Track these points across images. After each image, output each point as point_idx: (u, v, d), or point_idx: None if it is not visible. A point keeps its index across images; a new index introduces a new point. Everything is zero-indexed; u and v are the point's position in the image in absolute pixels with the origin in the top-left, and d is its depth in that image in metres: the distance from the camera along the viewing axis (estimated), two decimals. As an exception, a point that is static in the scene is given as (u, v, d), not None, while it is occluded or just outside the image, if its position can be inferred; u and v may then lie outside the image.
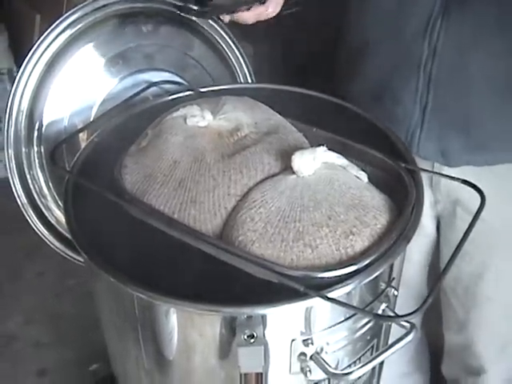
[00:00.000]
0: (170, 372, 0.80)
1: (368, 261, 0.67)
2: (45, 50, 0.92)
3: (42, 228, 0.98)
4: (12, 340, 1.83)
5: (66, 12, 0.91)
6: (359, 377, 0.78)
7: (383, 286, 0.75)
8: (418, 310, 0.63)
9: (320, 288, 0.65)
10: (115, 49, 0.99)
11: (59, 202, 0.96)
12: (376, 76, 0.99)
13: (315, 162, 0.76)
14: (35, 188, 0.97)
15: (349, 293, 0.69)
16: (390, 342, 0.73)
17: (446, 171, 1.00)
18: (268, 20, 0.96)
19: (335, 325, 0.72)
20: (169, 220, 0.73)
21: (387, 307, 0.76)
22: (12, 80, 2.35)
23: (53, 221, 0.98)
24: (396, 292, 0.76)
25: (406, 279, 1.24)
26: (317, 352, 0.72)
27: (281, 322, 0.69)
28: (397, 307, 1.31)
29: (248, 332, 0.66)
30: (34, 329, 1.85)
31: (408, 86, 0.94)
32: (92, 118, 0.97)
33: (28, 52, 0.91)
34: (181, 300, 0.66)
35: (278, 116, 0.87)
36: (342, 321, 0.72)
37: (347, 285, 0.66)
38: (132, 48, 0.99)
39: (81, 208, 0.78)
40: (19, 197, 0.95)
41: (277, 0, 0.96)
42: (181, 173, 0.77)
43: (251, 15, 0.95)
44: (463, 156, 0.96)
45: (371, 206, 0.74)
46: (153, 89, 0.98)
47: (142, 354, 0.79)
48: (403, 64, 0.94)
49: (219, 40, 1.06)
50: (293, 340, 0.70)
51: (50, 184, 0.97)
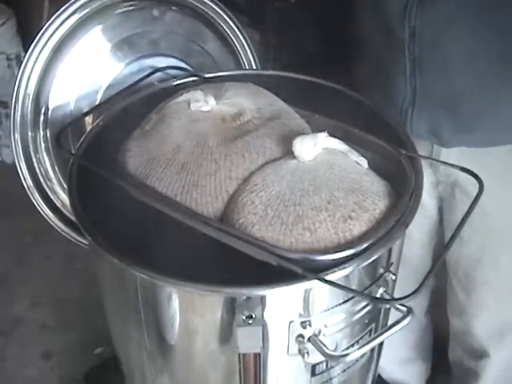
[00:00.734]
0: (172, 355, 0.81)
1: (365, 245, 0.68)
2: (52, 35, 0.93)
3: (48, 211, 1.00)
4: (18, 323, 1.85)
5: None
6: (356, 359, 0.79)
7: (381, 271, 0.76)
8: (413, 294, 0.64)
9: (318, 271, 0.67)
10: (122, 34, 1.00)
11: (64, 186, 0.98)
12: (372, 60, 1.01)
13: (316, 148, 0.77)
14: (41, 171, 0.98)
15: (347, 276, 0.70)
16: (387, 325, 0.74)
17: (445, 153, 1.01)
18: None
19: (333, 307, 0.73)
20: (171, 203, 0.74)
21: (385, 291, 0.77)
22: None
23: (58, 204, 1.00)
24: (394, 277, 0.77)
25: (409, 260, 1.25)
26: (315, 334, 0.73)
27: (279, 304, 0.70)
28: (399, 289, 1.33)
29: (247, 313, 0.67)
30: (41, 312, 1.87)
31: (398, 67, 0.96)
32: (98, 103, 0.98)
33: (35, 36, 0.92)
34: (181, 280, 0.67)
35: (281, 102, 0.88)
36: (340, 303, 0.73)
37: (345, 268, 0.67)
38: (138, 33, 1.00)
39: (85, 191, 0.79)
40: (25, 180, 0.96)
41: None
42: (183, 156, 0.78)
43: None
44: (455, 136, 0.97)
45: (370, 192, 0.75)
46: (158, 74, 0.99)
47: (145, 337, 0.81)
48: (391, 46, 0.96)
49: (224, 26, 1.07)
50: (291, 322, 0.72)
51: (56, 167, 0.99)
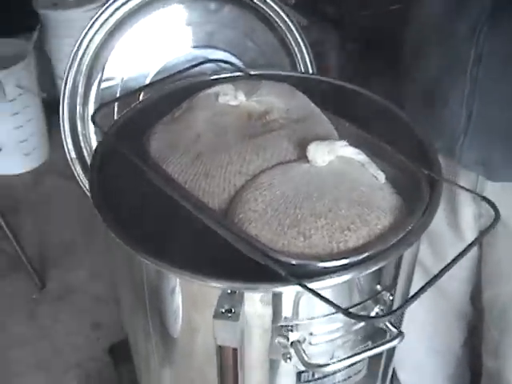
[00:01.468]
0: (175, 348, 0.83)
1: (357, 258, 0.67)
2: (112, 15, 0.97)
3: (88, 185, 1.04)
4: (75, 291, 1.93)
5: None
6: (335, 372, 0.78)
7: (378, 288, 0.74)
8: (392, 313, 0.63)
9: (306, 277, 0.66)
10: (177, 23, 1.02)
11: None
12: (428, 76, 0.98)
13: (330, 155, 0.76)
14: (86, 146, 1.02)
15: (337, 287, 0.69)
16: (373, 344, 0.72)
17: (490, 187, 0.97)
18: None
19: (321, 317, 0.72)
20: (179, 189, 0.76)
21: (381, 310, 0.75)
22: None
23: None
24: (391, 297, 0.75)
25: (448, 294, 1.22)
26: (298, 340, 0.72)
27: (264, 304, 0.70)
28: (435, 320, 1.29)
29: (227, 306, 0.67)
30: (97, 283, 1.95)
31: (455, 90, 0.93)
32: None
33: (97, 12, 0.96)
34: (167, 263, 0.68)
35: (313, 106, 0.88)
36: (328, 314, 0.72)
37: (331, 278, 0.66)
38: (193, 24, 1.03)
39: (109, 172, 0.82)
40: (69, 152, 1.01)
41: None
42: (201, 146, 0.79)
43: None
44: (506, 170, 0.93)
45: (377, 207, 0.73)
46: (207, 66, 1.01)
47: (150, 328, 0.83)
48: (452, 67, 0.93)
49: (282, 26, 1.07)
50: (275, 324, 0.71)
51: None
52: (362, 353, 0.70)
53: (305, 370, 0.77)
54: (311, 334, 0.73)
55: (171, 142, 0.81)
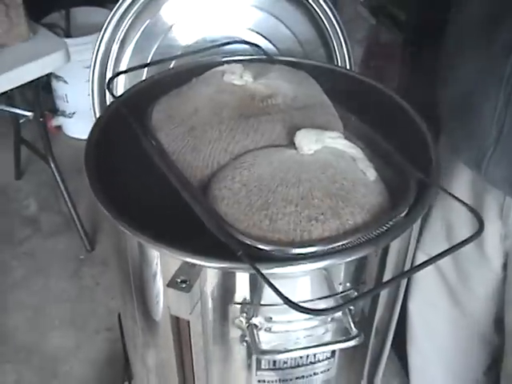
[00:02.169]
0: (156, 331, 0.84)
1: (314, 249, 0.65)
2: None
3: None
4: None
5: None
6: (297, 365, 0.76)
7: (342, 287, 0.72)
8: (337, 308, 0.61)
9: (265, 261, 0.65)
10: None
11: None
12: (462, 86, 0.93)
13: (317, 144, 0.74)
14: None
15: (300, 279, 0.68)
16: (329, 341, 0.71)
17: None
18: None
19: (280, 304, 0.71)
20: (165, 159, 0.77)
21: (349, 310, 0.73)
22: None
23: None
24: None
25: (471, 314, 1.16)
26: (255, 324, 0.72)
27: (220, 282, 0.70)
28: (456, 341, 1.23)
29: (183, 277, 0.68)
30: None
31: (488, 102, 0.87)
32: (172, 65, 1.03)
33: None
34: (132, 227, 0.69)
35: (324, 97, 0.86)
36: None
37: (283, 266, 0.65)
38: (239, 5, 1.03)
39: (109, 137, 0.84)
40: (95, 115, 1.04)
41: None
42: (196, 120, 0.80)
43: None
44: None
45: (355, 203, 0.71)
46: (240, 47, 1.01)
47: (135, 310, 0.84)
48: (487, 79, 0.87)
49: (323, 17, 1.05)
50: (232, 303, 0.71)
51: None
52: (313, 347, 0.69)
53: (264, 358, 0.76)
54: (271, 321, 0.72)
55: (170, 114, 0.82)
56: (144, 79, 0.94)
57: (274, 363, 0.77)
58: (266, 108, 0.81)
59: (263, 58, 0.96)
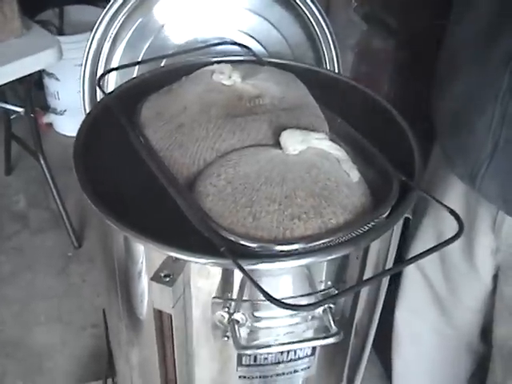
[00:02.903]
0: (140, 329, 0.84)
1: (296, 247, 0.66)
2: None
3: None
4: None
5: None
6: (278, 362, 0.77)
7: (323, 286, 0.73)
8: (313, 305, 0.62)
9: (248, 258, 0.66)
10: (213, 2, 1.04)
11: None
12: (457, 98, 0.93)
13: (302, 144, 0.76)
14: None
15: (279, 274, 0.69)
16: (308, 337, 0.72)
17: (509, 221, 0.93)
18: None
19: (263, 301, 0.72)
20: (153, 155, 0.78)
21: (329, 308, 0.74)
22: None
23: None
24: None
25: (458, 323, 1.17)
26: (237, 320, 0.73)
27: (203, 276, 0.71)
28: (446, 349, 1.24)
29: (166, 271, 0.69)
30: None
31: (484, 116, 0.87)
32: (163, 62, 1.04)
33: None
34: (117, 220, 0.70)
35: (311, 98, 0.87)
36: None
37: (263, 262, 0.66)
38: (230, 7, 1.04)
39: (98, 133, 0.85)
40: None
41: None
42: (184, 118, 0.81)
43: None
44: None
45: (337, 203, 0.72)
46: (230, 48, 1.02)
47: (119, 305, 0.84)
48: (483, 93, 0.88)
49: (312, 20, 1.07)
50: (214, 298, 0.72)
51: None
52: (293, 343, 0.70)
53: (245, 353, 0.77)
54: (253, 317, 0.74)
55: (159, 111, 0.83)
56: (134, 77, 0.94)
57: (255, 359, 0.78)
58: (254, 108, 0.83)
59: (252, 60, 0.97)
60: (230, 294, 0.72)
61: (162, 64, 1.04)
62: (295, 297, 0.73)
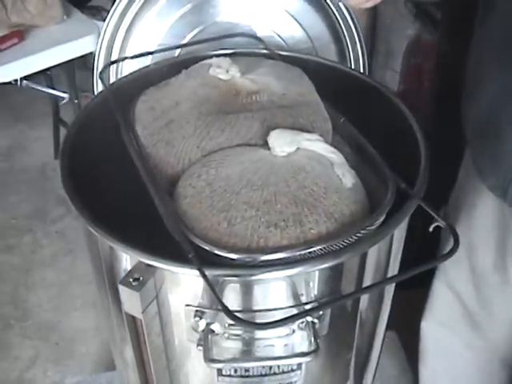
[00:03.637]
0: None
1: (263, 258, 0.62)
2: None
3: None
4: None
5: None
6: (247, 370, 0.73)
7: (304, 299, 0.68)
8: (280, 322, 0.57)
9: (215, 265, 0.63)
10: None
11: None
12: (487, 101, 0.85)
13: (291, 145, 0.71)
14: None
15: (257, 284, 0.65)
16: (283, 355, 0.67)
17: None
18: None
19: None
20: (139, 152, 0.75)
21: (311, 322, 0.69)
22: None
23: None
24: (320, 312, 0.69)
25: (490, 336, 1.10)
26: (211, 329, 0.69)
27: (173, 283, 0.68)
28: (477, 362, 1.17)
29: (136, 275, 0.66)
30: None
31: None
32: (177, 53, 1.00)
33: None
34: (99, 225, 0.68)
35: (315, 96, 0.82)
36: (246, 311, 0.68)
37: (231, 271, 0.62)
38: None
39: (93, 126, 0.82)
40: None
41: None
42: (175, 114, 0.77)
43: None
44: None
45: (322, 210, 0.67)
46: (240, 39, 0.98)
47: (109, 303, 0.82)
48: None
49: (334, 10, 1.01)
50: (187, 306, 0.69)
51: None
52: (263, 360, 0.65)
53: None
54: (229, 328, 0.70)
55: (152, 106, 0.80)
56: (137, 69, 0.91)
57: (235, 371, 0.74)
58: (249, 105, 0.78)
59: (261, 53, 0.92)
60: (204, 303, 0.68)
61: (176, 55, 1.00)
62: (275, 309, 0.68)
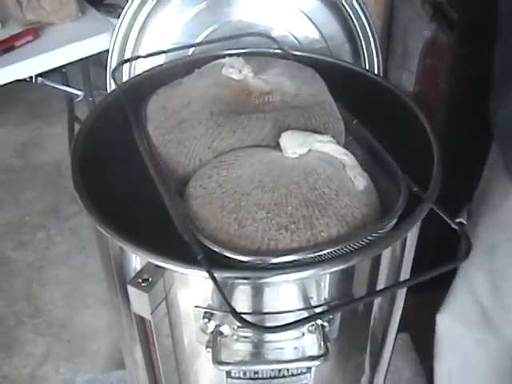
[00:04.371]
0: None
1: (275, 260, 0.61)
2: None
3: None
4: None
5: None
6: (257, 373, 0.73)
7: (314, 302, 0.67)
8: (288, 326, 0.56)
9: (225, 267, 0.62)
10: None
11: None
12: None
13: (303, 147, 0.70)
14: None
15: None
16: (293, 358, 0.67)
17: None
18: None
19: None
20: (150, 151, 0.75)
21: (321, 325, 0.68)
22: None
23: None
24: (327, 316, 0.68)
25: (505, 334, 1.09)
26: (220, 331, 0.69)
27: (182, 284, 0.67)
28: (492, 361, 1.15)
29: (145, 276, 0.65)
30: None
31: None
32: (191, 52, 1.00)
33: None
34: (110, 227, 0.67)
35: (328, 97, 0.81)
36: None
37: (239, 278, 0.62)
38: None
39: (104, 131, 0.82)
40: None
41: None
42: (186, 113, 0.77)
43: None
44: None
45: (333, 213, 0.66)
46: (252, 39, 0.97)
47: (120, 303, 0.83)
48: None
49: (348, 9, 0.99)
50: (196, 307, 0.68)
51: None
52: (271, 363, 0.65)
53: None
54: (238, 330, 0.69)
55: (164, 105, 0.80)
56: (150, 68, 0.91)
57: (245, 373, 0.74)
58: (262, 105, 0.77)
59: (275, 53, 0.91)
60: (213, 304, 0.68)
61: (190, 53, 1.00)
62: (284, 312, 0.68)
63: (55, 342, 1.67)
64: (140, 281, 0.65)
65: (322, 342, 0.67)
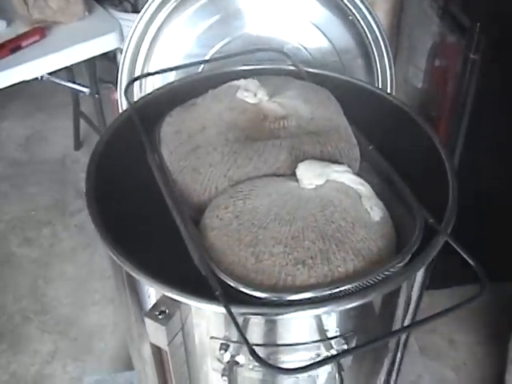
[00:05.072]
0: None
1: (292, 298, 0.62)
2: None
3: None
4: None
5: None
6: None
7: (329, 334, 0.68)
8: (303, 369, 0.57)
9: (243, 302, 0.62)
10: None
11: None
12: None
13: (320, 178, 0.70)
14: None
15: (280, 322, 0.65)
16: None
17: None
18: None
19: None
20: (164, 178, 0.74)
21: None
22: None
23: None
24: (346, 346, 0.68)
25: None
26: (236, 361, 0.69)
27: (199, 317, 0.67)
28: None
29: (162, 308, 0.66)
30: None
31: None
32: (200, 69, 0.99)
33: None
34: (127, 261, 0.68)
35: (344, 120, 0.81)
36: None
37: (257, 314, 0.62)
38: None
39: (117, 152, 0.81)
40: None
41: None
42: (201, 139, 0.76)
43: None
44: None
45: (350, 247, 0.66)
46: (264, 54, 0.97)
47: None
48: None
49: (362, 23, 0.99)
50: (212, 338, 0.68)
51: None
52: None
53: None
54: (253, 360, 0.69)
55: (178, 129, 0.79)
56: (161, 86, 0.90)
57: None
58: (277, 130, 0.77)
59: (288, 69, 0.91)
60: (229, 336, 0.68)
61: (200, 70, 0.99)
62: (300, 343, 0.68)
63: (62, 340, 1.68)
64: (157, 313, 0.66)
65: (337, 374, 0.67)
